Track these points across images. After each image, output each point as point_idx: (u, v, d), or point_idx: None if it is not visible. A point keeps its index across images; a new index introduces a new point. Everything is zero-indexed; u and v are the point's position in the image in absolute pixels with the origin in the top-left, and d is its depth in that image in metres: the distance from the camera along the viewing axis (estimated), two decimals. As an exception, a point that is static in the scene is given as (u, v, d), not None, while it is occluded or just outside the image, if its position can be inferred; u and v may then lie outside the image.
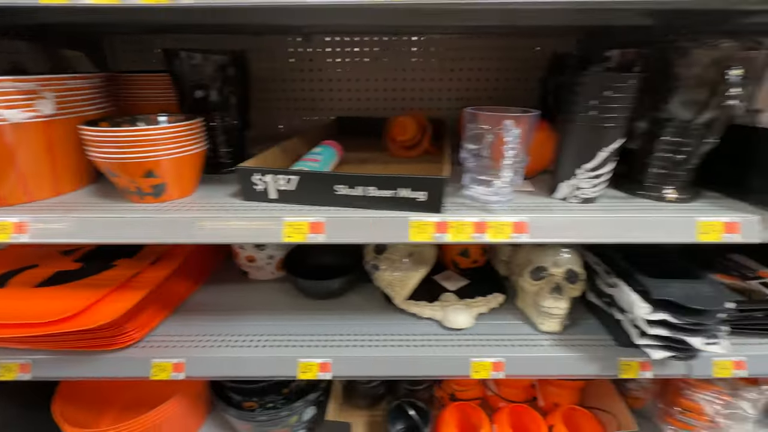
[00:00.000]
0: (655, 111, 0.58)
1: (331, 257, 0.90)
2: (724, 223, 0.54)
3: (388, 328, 0.74)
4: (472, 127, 0.55)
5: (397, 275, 0.75)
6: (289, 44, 1.04)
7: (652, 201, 0.61)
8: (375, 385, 0.95)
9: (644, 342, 0.60)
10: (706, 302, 0.56)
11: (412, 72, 1.07)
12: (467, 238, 0.54)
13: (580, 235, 0.55)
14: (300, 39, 1.04)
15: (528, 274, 0.74)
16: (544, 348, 0.69)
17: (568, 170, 0.58)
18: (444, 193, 0.53)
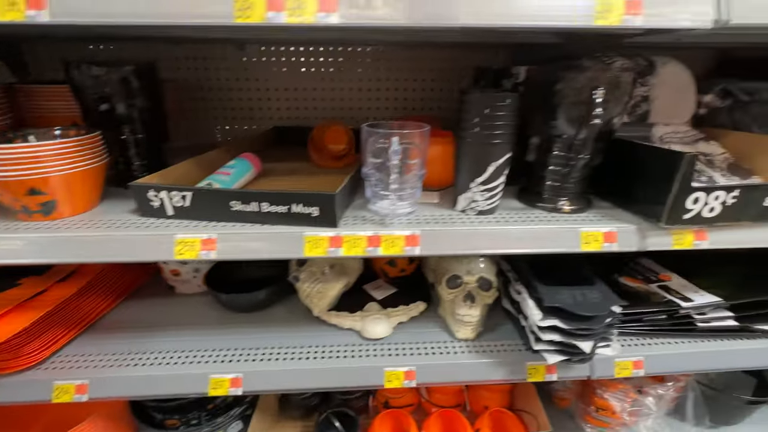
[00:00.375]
0: (547, 127, 0.61)
1: (261, 270, 0.89)
2: (603, 233, 0.58)
3: (307, 340, 0.75)
4: (370, 141, 0.56)
5: (317, 287, 0.75)
6: (225, 53, 1.03)
7: (547, 212, 0.63)
8: (308, 396, 0.94)
9: (540, 347, 0.63)
10: (592, 308, 0.60)
11: (350, 82, 1.08)
12: (361, 252, 0.55)
13: (471, 247, 0.57)
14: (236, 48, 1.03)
15: (445, 283, 0.76)
16: (456, 356, 0.71)
17: (464, 184, 0.60)
18: (336, 208, 0.54)
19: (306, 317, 0.80)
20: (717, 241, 0.59)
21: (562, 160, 0.61)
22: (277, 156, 0.93)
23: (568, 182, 0.62)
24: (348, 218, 0.60)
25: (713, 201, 0.55)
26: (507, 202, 0.68)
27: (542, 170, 0.64)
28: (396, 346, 0.73)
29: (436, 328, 0.78)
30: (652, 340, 0.75)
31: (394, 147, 0.51)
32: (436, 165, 0.68)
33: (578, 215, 0.63)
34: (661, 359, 0.72)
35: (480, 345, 0.74)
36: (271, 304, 0.84)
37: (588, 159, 0.57)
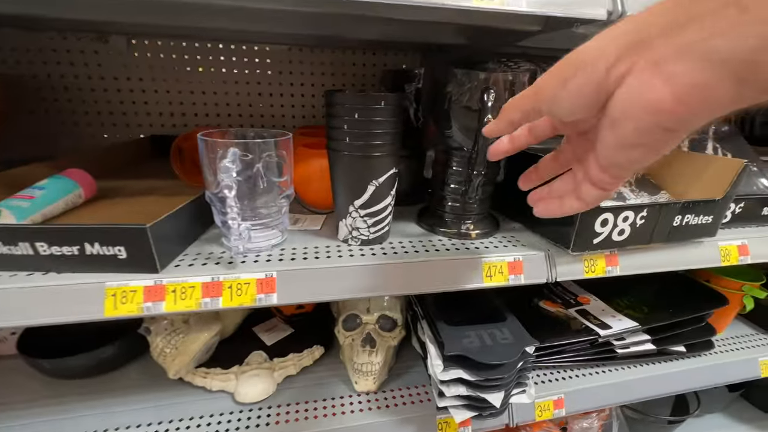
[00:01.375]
0: (442, 137, 0.51)
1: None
2: (508, 263, 0.48)
3: (163, 412, 0.57)
4: (207, 155, 0.42)
5: (173, 340, 0.58)
6: (88, 45, 0.83)
7: (449, 238, 0.53)
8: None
9: (445, 404, 0.52)
10: (502, 354, 0.50)
11: (248, 86, 0.93)
12: (195, 306, 0.40)
13: (345, 290, 0.44)
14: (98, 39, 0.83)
15: (341, 324, 0.63)
16: (352, 416, 0.57)
17: (342, 207, 0.47)
18: (154, 246, 0.39)
19: (167, 380, 0.62)
20: (629, 266, 0.52)
21: (461, 177, 0.51)
22: (143, 172, 0.74)
23: (470, 202, 0.52)
24: (187, 257, 0.45)
25: (622, 222, 0.49)
26: (404, 226, 0.57)
27: (442, 189, 0.54)
28: (278, 410, 0.58)
29: (333, 380, 0.64)
30: (572, 372, 0.68)
31: (226, 162, 0.37)
32: (321, 181, 0.56)
33: (484, 240, 0.53)
34: (582, 394, 0.65)
35: (383, 397, 0.61)
36: (118, 364, 0.65)
37: (487, 175, 0.48)
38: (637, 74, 0.19)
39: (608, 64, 0.20)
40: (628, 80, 0.20)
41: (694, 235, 0.54)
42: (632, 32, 0.20)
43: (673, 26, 0.18)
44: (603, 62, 0.20)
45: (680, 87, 0.18)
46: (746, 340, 0.81)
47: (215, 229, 0.53)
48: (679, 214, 0.51)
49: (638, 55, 0.19)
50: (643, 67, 0.19)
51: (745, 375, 0.74)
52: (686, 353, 0.72)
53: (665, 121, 0.19)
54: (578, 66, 0.22)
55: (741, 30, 0.16)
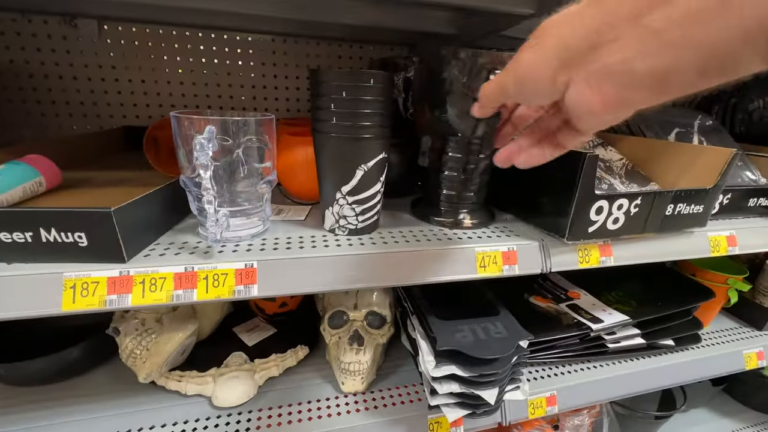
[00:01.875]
0: (439, 123, 0.49)
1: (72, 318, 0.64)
2: (502, 253, 0.46)
3: (129, 419, 0.52)
4: (181, 135, 0.38)
5: (144, 341, 0.54)
6: (56, 29, 0.78)
7: (445, 228, 0.51)
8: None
9: (437, 402, 0.49)
10: (496, 348, 0.48)
11: (227, 76, 0.89)
12: (166, 299, 0.37)
13: (331, 281, 0.41)
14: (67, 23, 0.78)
15: (327, 321, 0.60)
16: (338, 418, 0.54)
17: (329, 194, 0.45)
18: (120, 232, 0.35)
19: (138, 385, 0.58)
20: (622, 256, 0.52)
21: (458, 164, 0.49)
22: (115, 163, 0.70)
23: (467, 191, 0.50)
24: (158, 247, 0.41)
25: (617, 211, 0.48)
26: (397, 216, 0.55)
27: (437, 177, 0.52)
28: (259, 414, 0.54)
29: (318, 381, 0.61)
30: (564, 368, 0.67)
31: (201, 138, 0.34)
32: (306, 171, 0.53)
33: (478, 230, 0.51)
34: (574, 390, 0.63)
35: (372, 398, 0.58)
36: (83, 369, 0.60)
37: (489, 162, 0.46)
38: (574, 86, 0.23)
39: (550, 79, 0.24)
40: (570, 89, 0.24)
41: (686, 225, 0.54)
42: (562, 49, 0.23)
43: (594, 46, 0.21)
44: (544, 79, 0.24)
45: (606, 96, 0.22)
46: (730, 333, 0.82)
47: (192, 219, 0.49)
48: (671, 203, 0.50)
49: (573, 72, 0.23)
50: (578, 81, 0.23)
51: (731, 368, 0.75)
52: (675, 347, 0.71)
53: (603, 115, 0.24)
54: (523, 81, 0.26)
55: (652, 51, 0.19)
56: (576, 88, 0.23)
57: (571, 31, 0.22)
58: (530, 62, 0.25)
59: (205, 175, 0.35)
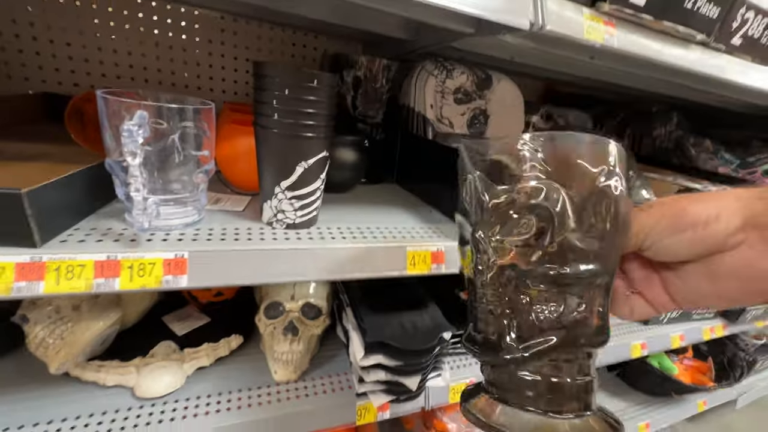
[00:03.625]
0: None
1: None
2: (432, 253, 0.50)
3: (37, 412, 0.49)
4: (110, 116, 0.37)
5: (57, 330, 0.50)
6: None
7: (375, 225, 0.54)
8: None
9: (364, 389, 0.53)
10: (421, 340, 0.52)
11: (169, 50, 0.83)
12: (85, 287, 0.35)
13: (264, 274, 0.42)
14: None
15: (263, 312, 0.60)
16: (269, 406, 0.56)
17: (268, 187, 0.45)
18: (30, 214, 0.33)
19: (49, 376, 0.54)
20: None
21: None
22: (32, 134, 0.63)
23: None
24: (78, 232, 0.39)
25: (532, 219, 0.54)
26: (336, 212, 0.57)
27: None
28: (186, 403, 0.54)
29: (250, 371, 0.62)
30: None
31: (130, 125, 0.33)
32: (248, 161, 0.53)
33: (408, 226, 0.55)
34: (491, 377, 0.71)
35: (303, 386, 0.60)
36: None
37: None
38: (750, 245, 0.24)
39: (728, 232, 0.24)
40: (743, 248, 0.24)
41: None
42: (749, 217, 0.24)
43: None
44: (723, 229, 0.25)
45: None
46: (621, 327, 0.95)
47: (119, 202, 0.47)
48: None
49: (753, 234, 0.24)
50: (757, 240, 0.24)
51: (621, 356, 0.88)
52: (577, 338, 0.82)
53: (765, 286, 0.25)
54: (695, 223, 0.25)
55: None
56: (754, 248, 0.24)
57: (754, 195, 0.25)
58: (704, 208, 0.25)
59: (132, 163, 0.34)
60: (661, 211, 0.26)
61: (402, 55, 0.82)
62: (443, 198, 0.61)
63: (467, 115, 0.72)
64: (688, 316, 1.00)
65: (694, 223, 0.25)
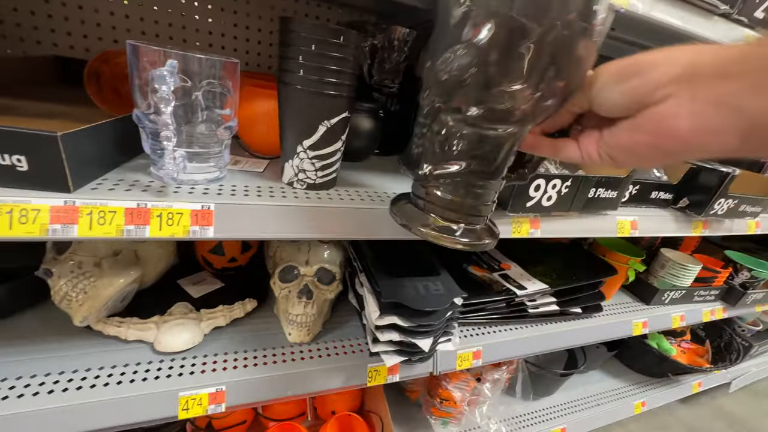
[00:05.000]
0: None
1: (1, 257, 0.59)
2: (448, 217, 0.51)
3: (64, 362, 0.51)
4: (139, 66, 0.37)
5: (81, 285, 0.52)
6: None
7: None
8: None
9: (378, 349, 0.54)
10: (434, 302, 0.53)
11: (181, 17, 0.82)
12: (115, 233, 0.36)
13: (291, 230, 0.43)
14: None
15: (278, 276, 0.61)
16: (284, 365, 0.57)
17: (290, 146, 0.46)
18: (65, 158, 0.34)
19: (72, 330, 0.56)
20: (548, 230, 0.59)
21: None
22: (47, 95, 0.63)
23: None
24: (106, 182, 0.39)
25: (551, 189, 0.54)
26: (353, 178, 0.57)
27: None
28: (204, 359, 0.55)
29: (265, 332, 0.63)
30: (490, 328, 0.76)
31: (163, 71, 0.33)
32: (268, 124, 0.53)
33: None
34: (496, 347, 0.72)
35: (317, 348, 0.62)
36: (10, 311, 0.56)
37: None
38: (673, 102, 0.23)
39: (660, 82, 0.24)
40: (667, 103, 0.24)
41: (602, 207, 0.63)
42: (689, 65, 0.23)
43: (719, 74, 0.22)
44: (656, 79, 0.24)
45: (698, 125, 0.23)
46: (625, 306, 0.97)
47: (141, 159, 0.47)
48: (594, 186, 0.58)
49: (683, 87, 0.23)
50: (682, 98, 0.23)
51: (623, 333, 0.90)
52: (581, 314, 0.84)
53: (672, 145, 0.24)
54: (638, 71, 0.25)
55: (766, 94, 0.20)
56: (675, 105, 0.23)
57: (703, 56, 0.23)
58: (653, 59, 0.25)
59: (165, 110, 0.34)
60: (616, 63, 0.27)
61: (418, 25, 0.81)
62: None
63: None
64: (689, 297, 1.02)
65: (637, 71, 0.25)
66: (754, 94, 0.21)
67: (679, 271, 0.96)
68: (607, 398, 1.14)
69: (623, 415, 1.14)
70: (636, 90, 0.25)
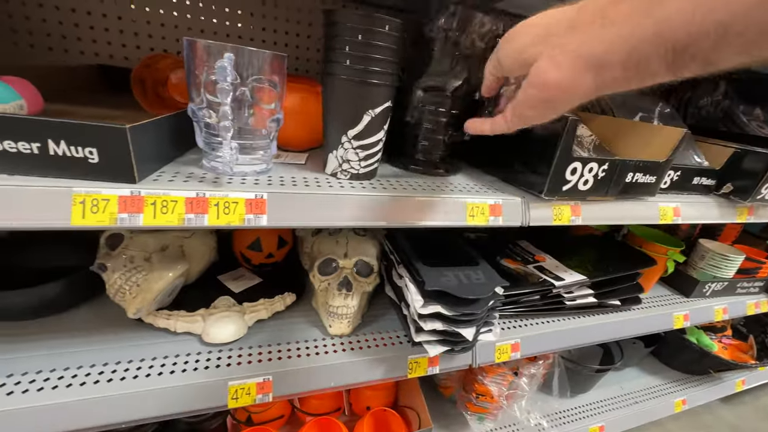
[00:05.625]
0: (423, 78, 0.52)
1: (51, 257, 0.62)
2: (489, 205, 0.51)
3: (122, 353, 0.53)
4: (195, 61, 0.38)
5: (134, 278, 0.54)
6: None
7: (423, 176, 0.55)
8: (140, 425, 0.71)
9: (421, 338, 0.54)
10: (477, 290, 0.53)
11: (212, 24, 0.85)
12: (177, 221, 0.37)
13: (339, 216, 0.44)
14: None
15: (317, 268, 0.62)
16: (326, 356, 0.58)
17: (334, 137, 0.47)
18: (132, 151, 0.35)
19: (125, 322, 0.58)
20: (589, 217, 0.58)
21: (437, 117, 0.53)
22: (96, 100, 0.66)
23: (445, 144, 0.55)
24: (164, 175, 0.41)
25: (587, 173, 0.54)
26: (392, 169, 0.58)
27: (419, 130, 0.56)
28: (249, 350, 0.57)
29: (305, 324, 0.64)
30: (527, 320, 0.75)
31: (224, 63, 0.34)
32: (305, 119, 0.54)
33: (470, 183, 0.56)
34: (535, 340, 0.71)
35: (356, 341, 0.62)
36: (66, 305, 0.59)
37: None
38: (543, 59, 0.28)
39: (525, 45, 0.29)
40: (540, 60, 0.28)
41: (640, 192, 0.61)
42: (543, 27, 0.29)
43: (567, 30, 0.27)
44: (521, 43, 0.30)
45: (562, 74, 0.27)
46: (664, 299, 0.94)
47: (192, 154, 0.49)
48: (631, 171, 0.57)
49: (545, 46, 0.28)
50: (547, 55, 0.28)
51: (663, 326, 0.87)
52: (620, 306, 0.82)
53: (551, 95, 0.29)
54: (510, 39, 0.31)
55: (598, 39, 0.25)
56: (543, 61, 0.28)
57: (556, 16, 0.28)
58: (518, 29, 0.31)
59: (225, 101, 0.35)
60: (510, 30, 0.32)
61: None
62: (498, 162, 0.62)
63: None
64: (732, 290, 0.98)
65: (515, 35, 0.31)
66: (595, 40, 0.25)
67: (720, 262, 0.93)
68: (645, 396, 1.10)
69: (663, 413, 1.10)
70: (518, 52, 0.30)
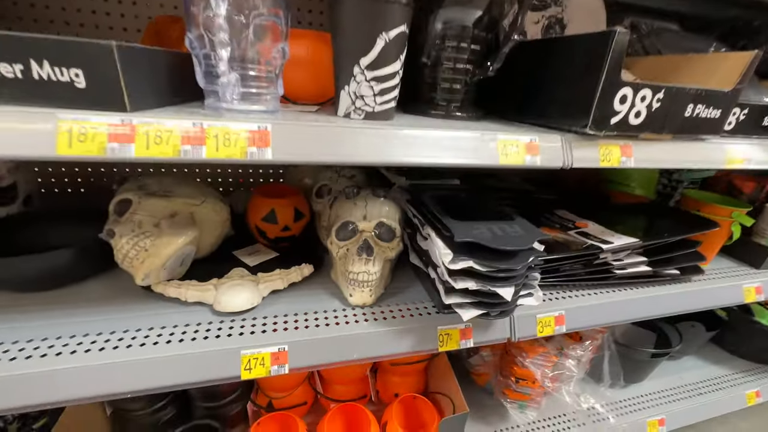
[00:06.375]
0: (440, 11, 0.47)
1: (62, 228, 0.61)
2: (525, 144, 0.45)
3: (130, 321, 0.50)
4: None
5: (141, 242, 0.51)
6: None
7: (442, 120, 0.49)
8: (156, 409, 0.68)
9: (452, 300, 0.48)
10: (514, 242, 0.46)
11: None
12: (173, 152, 0.34)
13: (358, 153, 0.39)
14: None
15: (335, 234, 0.58)
16: (347, 326, 0.53)
17: (346, 71, 0.42)
18: (122, 74, 0.32)
19: (135, 292, 0.55)
20: (642, 158, 0.50)
21: (460, 55, 0.48)
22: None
23: (467, 86, 0.49)
24: (164, 111, 0.38)
25: (640, 103, 0.46)
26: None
27: (437, 71, 0.50)
28: (264, 320, 0.52)
29: (325, 295, 0.59)
30: (571, 292, 0.66)
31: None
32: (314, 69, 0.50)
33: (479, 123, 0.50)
34: (581, 312, 0.63)
35: (380, 311, 0.56)
36: (77, 275, 0.57)
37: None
38: None
39: None
40: None
41: (702, 130, 0.53)
42: None
43: None
44: None
45: None
46: (730, 270, 0.83)
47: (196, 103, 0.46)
48: (691, 102, 0.49)
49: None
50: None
51: (731, 300, 0.76)
52: (680, 276, 0.72)
53: None
54: None
55: None
56: None
57: None
58: None
59: (219, 12, 0.32)
60: None
61: None
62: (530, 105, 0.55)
63: (541, 23, 0.65)
64: (810, 260, 0.85)
65: None
66: None
67: (795, 227, 0.80)
68: (710, 387, 0.98)
69: (732, 406, 0.97)
70: None
